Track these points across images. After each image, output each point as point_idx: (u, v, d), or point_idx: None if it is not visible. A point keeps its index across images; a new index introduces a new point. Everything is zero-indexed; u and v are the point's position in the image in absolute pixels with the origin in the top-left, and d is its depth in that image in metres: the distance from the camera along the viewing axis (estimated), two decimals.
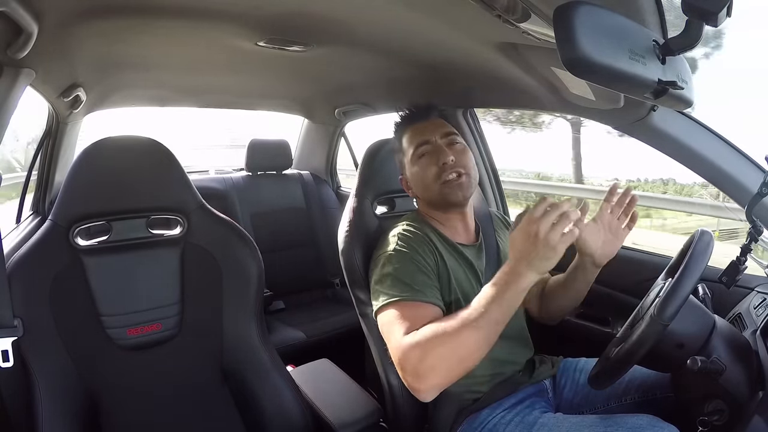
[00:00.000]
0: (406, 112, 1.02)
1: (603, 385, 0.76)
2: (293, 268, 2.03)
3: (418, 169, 0.95)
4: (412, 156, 0.96)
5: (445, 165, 0.91)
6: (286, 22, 0.99)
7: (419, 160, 0.95)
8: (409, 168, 0.98)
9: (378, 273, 0.87)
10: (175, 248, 0.96)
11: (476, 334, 0.69)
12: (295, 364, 1.20)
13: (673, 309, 0.66)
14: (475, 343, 0.69)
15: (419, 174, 0.95)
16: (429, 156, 0.94)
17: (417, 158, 0.95)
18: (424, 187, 0.95)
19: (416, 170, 0.95)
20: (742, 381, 0.70)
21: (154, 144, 0.95)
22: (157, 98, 1.88)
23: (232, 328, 0.96)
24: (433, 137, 0.95)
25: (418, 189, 0.98)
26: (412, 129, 0.99)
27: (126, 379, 0.90)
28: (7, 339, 0.75)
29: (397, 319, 0.78)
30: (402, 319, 0.78)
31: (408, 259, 0.86)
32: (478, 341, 0.69)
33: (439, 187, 0.92)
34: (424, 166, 0.94)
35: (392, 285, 0.83)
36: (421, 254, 0.87)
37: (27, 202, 1.43)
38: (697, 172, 0.96)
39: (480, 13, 0.70)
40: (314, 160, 2.37)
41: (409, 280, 0.82)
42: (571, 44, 0.47)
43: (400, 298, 0.81)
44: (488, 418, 0.88)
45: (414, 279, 0.83)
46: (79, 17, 0.86)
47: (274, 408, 0.93)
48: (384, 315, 0.82)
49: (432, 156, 0.93)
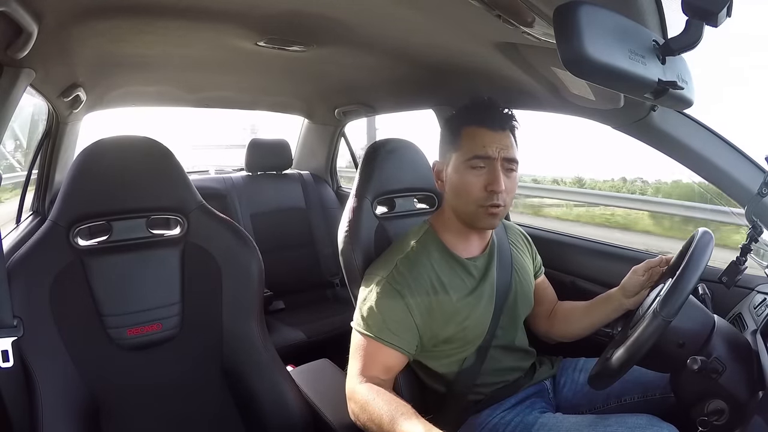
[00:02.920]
0: (477, 105, 0.90)
1: (603, 385, 0.76)
2: (293, 268, 2.03)
3: (464, 178, 0.86)
4: (464, 160, 0.86)
5: (493, 193, 0.84)
6: (286, 22, 0.99)
7: (470, 171, 0.85)
8: (455, 169, 0.88)
9: (365, 293, 0.88)
10: (175, 248, 0.96)
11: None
12: (295, 364, 1.20)
13: (676, 305, 0.66)
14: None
15: (462, 184, 0.86)
16: (482, 174, 0.85)
17: (469, 167, 0.85)
18: (459, 198, 0.88)
19: (461, 179, 0.87)
20: (742, 381, 0.70)
21: (154, 144, 0.95)
22: (157, 98, 1.88)
23: (232, 328, 0.96)
24: (496, 155, 0.85)
25: (452, 195, 0.90)
26: (478, 132, 0.86)
27: (126, 379, 0.90)
28: (7, 339, 0.75)
29: (360, 351, 0.85)
30: (363, 355, 0.84)
31: (395, 295, 0.85)
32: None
33: (475, 209, 0.86)
34: (472, 180, 0.85)
35: (370, 317, 0.85)
36: (413, 290, 0.85)
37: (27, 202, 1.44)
38: (697, 172, 0.96)
39: (480, 13, 0.70)
40: (314, 160, 2.37)
41: (388, 319, 0.84)
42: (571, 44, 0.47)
43: (369, 335, 0.84)
44: (489, 418, 0.88)
45: (393, 319, 0.84)
46: (79, 17, 0.86)
47: (274, 408, 0.93)
48: (354, 336, 0.87)
49: (485, 176, 0.85)
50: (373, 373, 0.83)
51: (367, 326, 0.85)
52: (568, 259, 1.37)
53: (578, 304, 1.03)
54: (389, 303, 0.84)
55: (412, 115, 1.88)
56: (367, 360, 0.84)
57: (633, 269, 0.92)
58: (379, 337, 0.83)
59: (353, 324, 0.88)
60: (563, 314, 1.05)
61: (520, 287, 0.97)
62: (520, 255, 1.02)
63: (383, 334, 0.83)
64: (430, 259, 0.89)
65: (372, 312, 0.84)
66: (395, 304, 0.84)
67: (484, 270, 0.94)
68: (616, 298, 0.94)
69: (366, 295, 0.88)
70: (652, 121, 0.91)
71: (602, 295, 0.99)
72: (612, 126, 1.02)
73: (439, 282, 0.88)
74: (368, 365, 0.83)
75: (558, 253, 1.38)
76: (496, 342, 0.93)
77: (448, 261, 0.91)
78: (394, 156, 1.14)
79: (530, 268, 1.04)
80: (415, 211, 1.19)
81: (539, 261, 1.10)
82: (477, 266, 0.93)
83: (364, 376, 0.82)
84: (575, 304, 1.04)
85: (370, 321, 0.84)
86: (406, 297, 0.85)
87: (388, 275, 0.87)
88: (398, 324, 0.84)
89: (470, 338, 0.90)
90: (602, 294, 0.99)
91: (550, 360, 1.03)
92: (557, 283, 1.14)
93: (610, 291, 0.97)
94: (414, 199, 1.21)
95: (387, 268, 0.89)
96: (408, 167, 1.17)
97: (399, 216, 1.15)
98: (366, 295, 0.88)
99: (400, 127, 2.29)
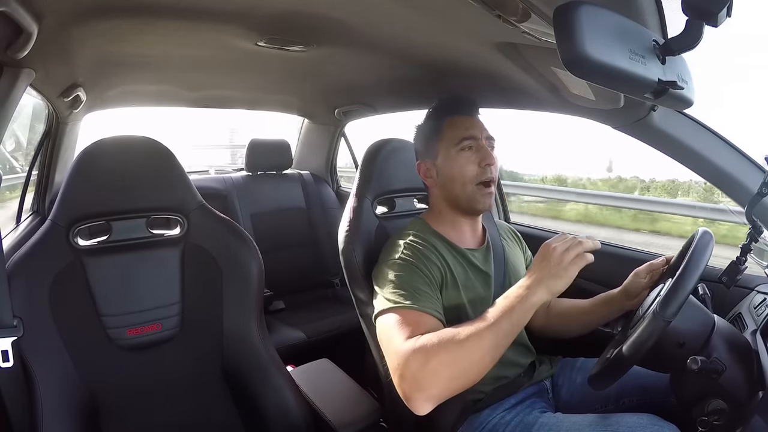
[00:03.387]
0: (450, 99, 0.99)
1: (603, 386, 0.76)
2: (293, 268, 2.03)
3: (457, 162, 0.92)
4: (454, 145, 0.92)
5: (488, 166, 0.90)
6: (286, 22, 0.99)
7: (461, 153, 0.92)
8: (445, 157, 0.93)
9: (381, 279, 0.86)
10: (175, 248, 0.96)
11: (484, 344, 0.67)
12: (295, 364, 1.20)
13: (676, 306, 0.66)
14: (480, 353, 0.67)
15: (458, 167, 0.92)
16: (472, 153, 0.92)
17: (459, 150, 0.92)
18: (455, 183, 0.92)
19: (454, 163, 0.92)
20: (742, 381, 0.70)
21: (154, 144, 0.95)
22: (157, 98, 1.88)
23: (232, 328, 0.96)
24: (479, 135, 0.93)
25: (447, 181, 0.94)
26: (458, 120, 0.95)
27: (126, 379, 0.90)
28: (7, 339, 0.75)
29: (399, 324, 0.76)
30: (403, 325, 0.75)
31: (413, 268, 0.85)
32: (484, 351, 0.67)
33: (473, 187, 0.91)
34: (465, 162, 0.91)
35: (395, 291, 0.81)
36: (427, 265, 0.86)
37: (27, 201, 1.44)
38: (697, 172, 0.96)
39: (480, 13, 0.70)
40: (314, 160, 2.37)
41: (412, 288, 0.81)
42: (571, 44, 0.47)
43: (401, 305, 0.78)
44: (488, 418, 0.88)
45: (417, 288, 0.82)
46: (79, 17, 0.86)
47: (274, 408, 0.93)
48: (384, 319, 0.79)
49: (476, 154, 0.91)
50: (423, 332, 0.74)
51: (396, 302, 0.79)
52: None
53: (577, 303, 1.03)
54: (412, 275, 0.83)
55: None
56: (406, 329, 0.74)
57: (635, 272, 0.92)
58: (414, 306, 0.78)
59: (377, 311, 0.82)
60: (561, 312, 1.05)
61: (515, 280, 0.98)
62: (512, 250, 1.06)
63: (418, 302, 0.79)
64: (433, 245, 0.91)
65: (397, 287, 0.81)
66: (417, 276, 0.84)
67: (483, 261, 0.96)
68: (617, 300, 0.95)
69: (382, 279, 0.85)
70: (652, 121, 0.91)
71: (603, 296, 0.99)
72: (612, 126, 1.02)
73: (447, 265, 0.90)
74: (414, 331, 0.74)
75: None
76: None
77: (449, 249, 0.93)
78: (394, 156, 1.15)
79: (522, 262, 1.07)
80: (415, 210, 1.20)
81: (529, 255, 1.13)
82: (476, 257, 0.96)
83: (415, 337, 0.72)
84: (574, 302, 1.04)
85: (398, 296, 0.80)
86: (422, 267, 0.85)
87: (399, 255, 0.87)
88: (427, 292, 0.82)
89: None
90: (603, 294, 0.99)
91: (550, 360, 1.02)
92: None
93: (611, 292, 0.97)
94: (414, 199, 1.21)
95: (396, 252, 0.88)
96: (408, 167, 1.17)
97: (399, 216, 1.15)
98: (382, 279, 0.85)
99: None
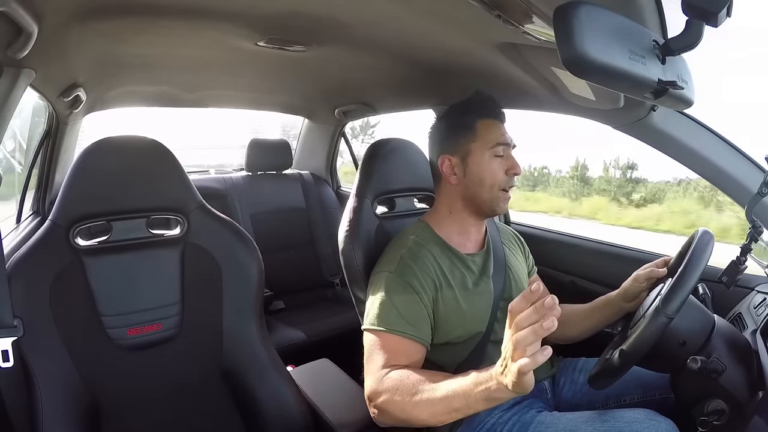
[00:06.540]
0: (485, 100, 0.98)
1: (603, 385, 0.76)
2: (293, 268, 2.03)
3: (490, 166, 0.93)
4: (488, 149, 0.93)
5: (514, 176, 0.93)
6: (286, 22, 0.99)
7: (495, 158, 0.93)
8: (478, 159, 0.93)
9: (375, 290, 0.88)
10: (175, 248, 0.96)
11: (434, 410, 0.71)
12: (295, 364, 1.20)
13: (678, 302, 0.66)
14: (427, 416, 0.72)
15: (490, 171, 0.93)
16: (504, 160, 0.93)
17: (493, 155, 0.93)
18: (483, 186, 0.93)
19: (487, 166, 0.93)
20: (742, 381, 0.70)
21: (154, 144, 0.95)
22: (157, 98, 1.88)
23: (232, 328, 0.96)
24: (509, 143, 0.95)
25: (474, 182, 0.94)
26: (491, 123, 0.95)
27: (126, 379, 0.90)
28: (7, 339, 0.75)
29: (379, 348, 0.82)
30: (383, 350, 0.81)
31: (405, 286, 0.86)
32: (431, 416, 0.72)
33: (497, 192, 0.93)
34: (498, 167, 0.93)
35: (383, 311, 0.84)
36: (421, 281, 0.87)
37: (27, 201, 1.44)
38: (697, 171, 0.96)
39: (480, 13, 0.70)
40: (314, 160, 2.37)
41: (403, 310, 0.83)
42: (571, 44, 0.47)
43: (387, 329, 0.82)
44: (486, 418, 0.88)
45: (408, 310, 0.84)
46: (79, 17, 0.86)
47: (274, 408, 0.93)
48: (369, 336, 0.85)
49: (506, 161, 0.93)
50: (399, 364, 0.80)
51: (382, 322, 0.83)
52: (567, 259, 1.37)
53: (576, 308, 1.03)
54: (402, 296, 0.85)
55: None
56: (388, 355, 0.81)
57: (634, 276, 0.92)
58: (398, 330, 0.82)
59: (365, 325, 0.87)
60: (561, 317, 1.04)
61: (515, 284, 0.99)
62: (513, 254, 1.05)
63: (402, 327, 0.82)
64: (431, 253, 0.91)
65: (385, 307, 0.84)
66: (408, 296, 0.85)
67: (482, 266, 0.96)
68: (616, 302, 0.95)
69: (375, 293, 0.87)
70: (652, 121, 0.91)
71: (601, 299, 0.99)
72: (612, 126, 1.02)
73: (443, 274, 0.90)
74: (391, 359, 0.80)
75: (557, 253, 1.38)
76: (495, 337, 0.93)
77: (449, 255, 0.93)
78: (394, 156, 1.15)
79: (523, 266, 1.07)
80: (416, 210, 1.20)
81: (532, 261, 1.12)
82: (476, 262, 0.96)
83: (387, 369, 0.79)
84: (573, 307, 1.04)
85: (385, 316, 0.83)
86: (417, 288, 0.86)
87: (395, 269, 0.88)
88: (415, 315, 0.84)
89: (470, 332, 0.91)
90: (601, 297, 0.99)
91: (550, 360, 1.02)
92: (556, 283, 1.14)
93: (610, 294, 0.97)
94: (414, 199, 1.21)
95: (392, 263, 0.89)
96: (408, 167, 1.17)
97: (399, 216, 1.15)
98: (375, 293, 0.87)
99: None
